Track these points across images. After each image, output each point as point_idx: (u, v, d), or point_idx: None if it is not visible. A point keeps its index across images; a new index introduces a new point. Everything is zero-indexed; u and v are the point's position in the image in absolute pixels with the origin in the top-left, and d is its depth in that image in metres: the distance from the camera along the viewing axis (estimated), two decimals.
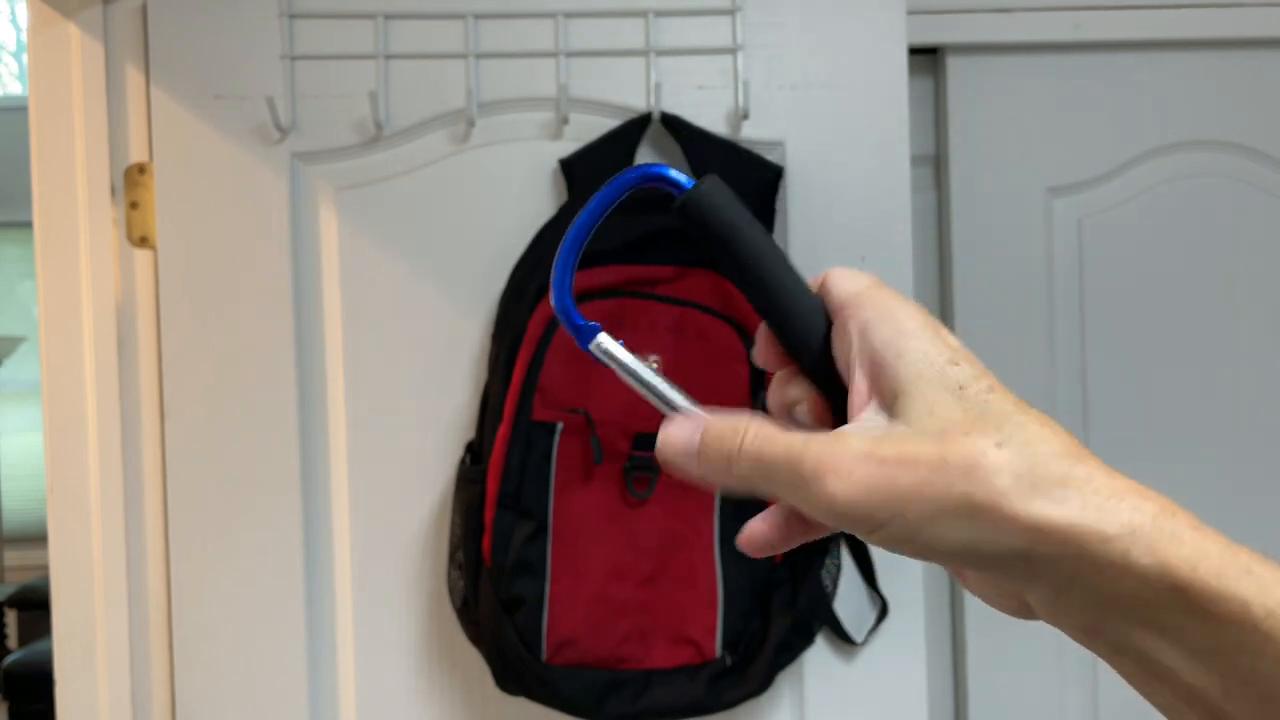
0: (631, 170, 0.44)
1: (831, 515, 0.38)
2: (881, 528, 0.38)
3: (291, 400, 1.17)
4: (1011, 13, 1.32)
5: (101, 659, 1.18)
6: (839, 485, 0.38)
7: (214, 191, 1.17)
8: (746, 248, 0.43)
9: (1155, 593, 0.36)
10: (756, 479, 0.40)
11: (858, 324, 0.42)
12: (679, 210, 0.43)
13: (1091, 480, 0.37)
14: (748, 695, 1.10)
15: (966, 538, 0.37)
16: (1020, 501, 0.36)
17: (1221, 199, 1.36)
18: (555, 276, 0.44)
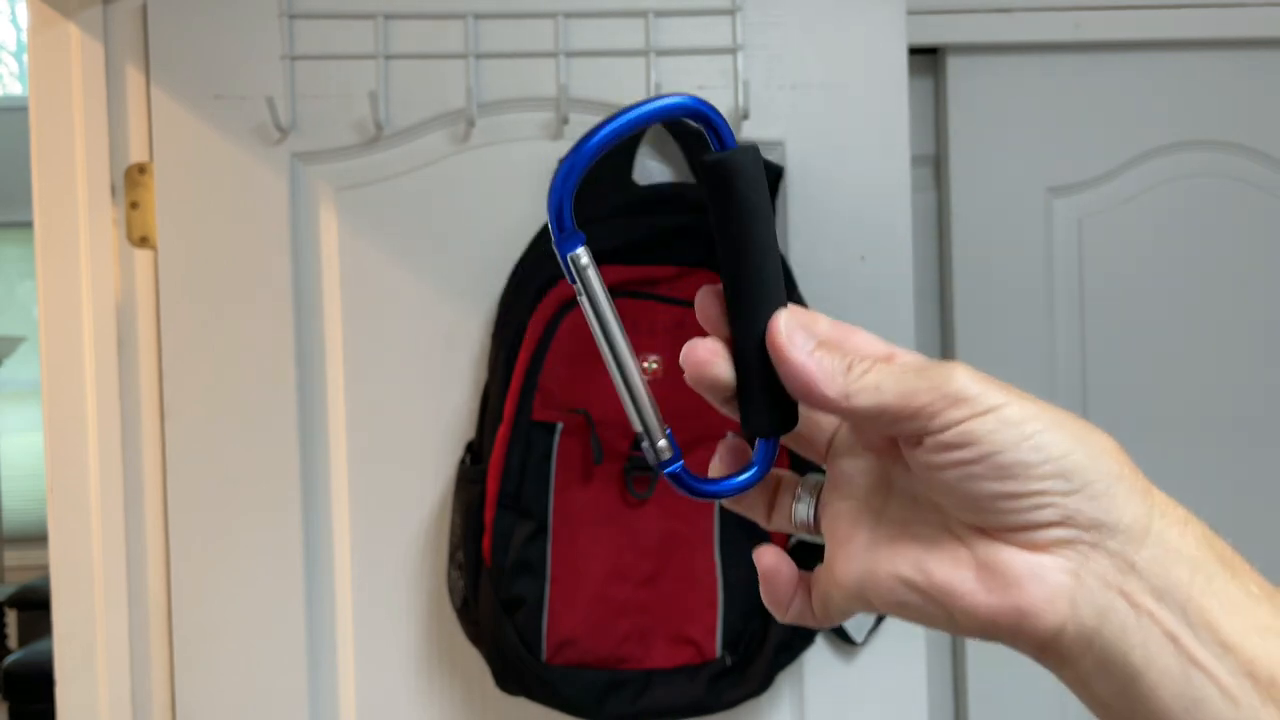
0: (684, 98, 0.42)
1: (948, 392, 0.39)
2: (993, 409, 0.39)
3: (291, 400, 1.17)
4: (1011, 13, 1.32)
5: (101, 659, 1.18)
6: (962, 371, 0.40)
7: (214, 191, 1.17)
8: (757, 230, 0.43)
9: None
10: (871, 375, 0.41)
11: None
12: (713, 165, 0.42)
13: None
14: (748, 695, 1.10)
15: (1068, 445, 0.39)
16: (1131, 469, 0.40)
17: (1221, 199, 1.36)
18: (561, 170, 0.43)
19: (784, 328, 0.42)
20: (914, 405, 0.40)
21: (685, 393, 0.45)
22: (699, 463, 0.45)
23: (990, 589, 0.40)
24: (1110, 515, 0.39)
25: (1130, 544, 0.39)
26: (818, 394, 0.41)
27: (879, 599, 0.43)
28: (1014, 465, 0.38)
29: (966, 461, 0.39)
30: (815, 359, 0.42)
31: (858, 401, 0.41)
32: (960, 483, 0.40)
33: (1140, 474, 0.40)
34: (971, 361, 0.43)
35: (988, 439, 0.39)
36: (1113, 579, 0.39)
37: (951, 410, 0.39)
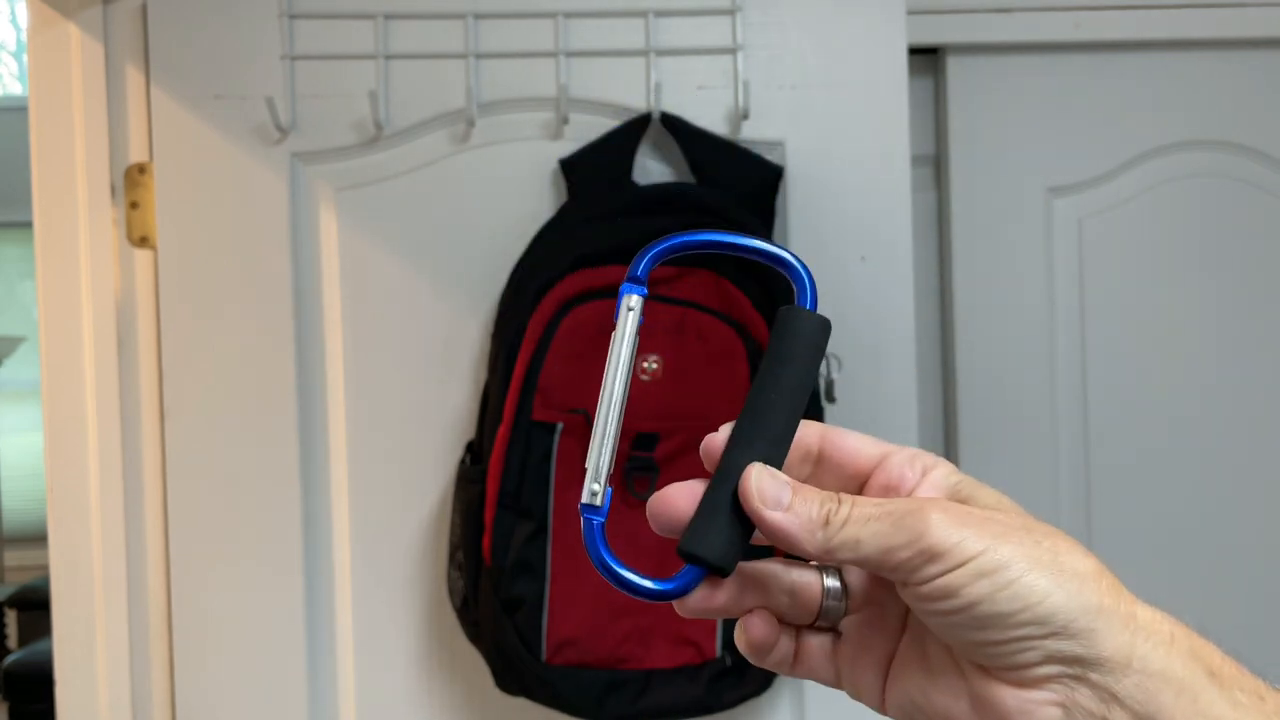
0: (791, 256, 0.45)
1: (924, 548, 0.40)
2: (968, 561, 0.39)
3: (291, 400, 1.17)
4: (1011, 13, 1.32)
5: (101, 659, 1.18)
6: (937, 516, 0.40)
7: (214, 191, 1.17)
8: (785, 380, 0.44)
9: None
10: (844, 540, 0.41)
11: (946, 472, 0.45)
12: (782, 312, 0.44)
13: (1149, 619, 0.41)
14: (748, 695, 1.10)
15: (1044, 588, 0.39)
16: (1113, 594, 0.40)
17: (1221, 199, 1.36)
18: (651, 250, 0.46)
19: (755, 484, 0.42)
20: (892, 561, 0.41)
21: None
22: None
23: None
24: (1091, 650, 0.39)
25: (1112, 675, 0.39)
26: (799, 550, 0.42)
27: (894, 709, 0.45)
28: (992, 616, 0.39)
29: (947, 612, 0.40)
30: (789, 518, 0.42)
31: (838, 556, 0.42)
32: (946, 630, 0.41)
33: (1124, 595, 0.40)
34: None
35: (964, 593, 0.39)
36: (1097, 709, 0.40)
37: (928, 566, 0.40)
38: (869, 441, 0.45)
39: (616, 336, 0.45)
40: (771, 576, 0.45)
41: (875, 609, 0.46)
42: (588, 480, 0.45)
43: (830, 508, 0.42)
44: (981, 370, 1.33)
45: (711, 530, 0.43)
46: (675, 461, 1.06)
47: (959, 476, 0.45)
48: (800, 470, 0.45)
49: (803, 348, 0.44)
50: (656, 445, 1.06)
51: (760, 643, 0.45)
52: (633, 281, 0.46)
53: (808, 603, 0.45)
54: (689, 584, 0.44)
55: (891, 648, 0.46)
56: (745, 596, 0.45)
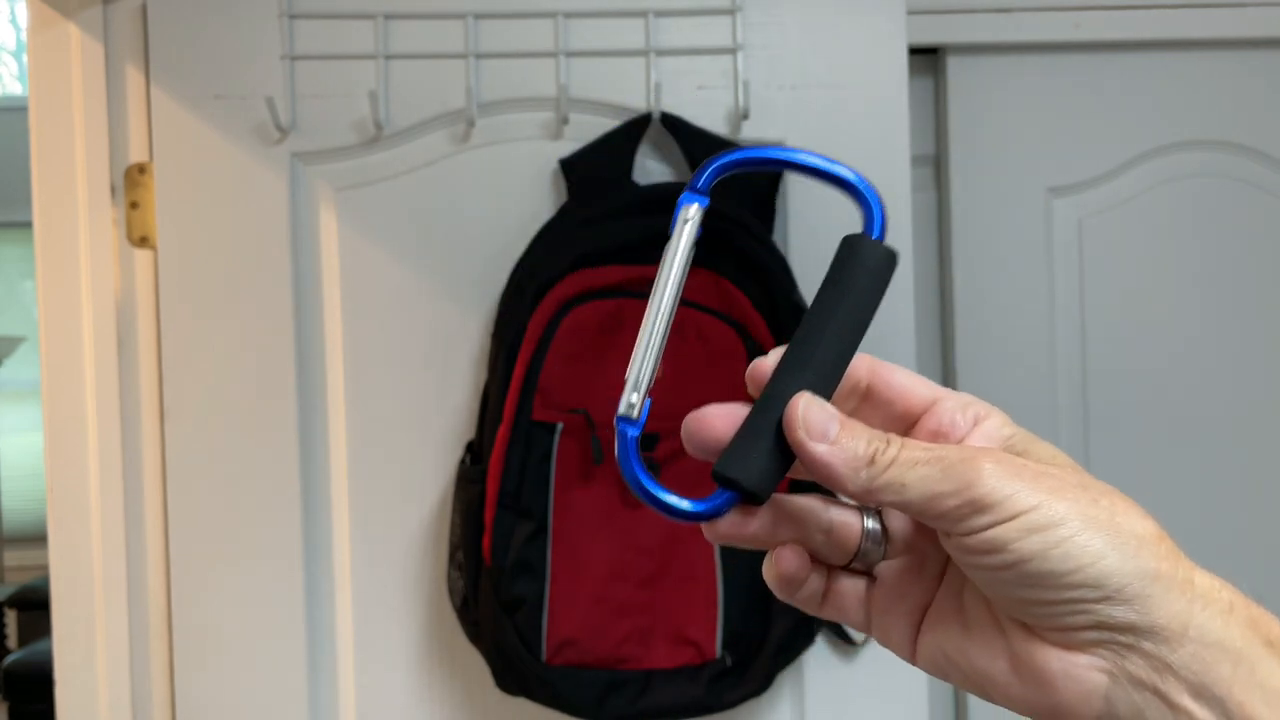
0: (860, 179, 0.44)
1: (973, 497, 0.38)
2: (1019, 514, 0.37)
3: (291, 400, 1.17)
4: (1011, 13, 1.32)
5: (101, 659, 1.18)
6: (989, 466, 0.38)
7: (214, 191, 1.17)
8: (843, 311, 0.42)
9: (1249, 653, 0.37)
10: (890, 480, 0.40)
11: (1000, 423, 0.43)
12: (847, 240, 0.43)
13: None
14: (748, 695, 1.10)
15: (1099, 548, 0.37)
16: (1171, 558, 0.38)
17: (1221, 199, 1.36)
18: (717, 160, 0.44)
19: (801, 414, 0.40)
20: (938, 509, 0.39)
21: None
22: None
23: (1025, 683, 0.40)
24: (1145, 618, 0.38)
25: (1167, 644, 0.38)
26: (840, 487, 0.40)
27: (925, 662, 0.43)
28: (1042, 575, 0.38)
29: (994, 567, 0.38)
30: (833, 452, 0.40)
31: (881, 498, 0.40)
32: (990, 585, 0.39)
33: (1181, 561, 0.38)
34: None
35: (1013, 548, 0.38)
36: (1148, 679, 0.38)
37: (976, 517, 0.38)
38: (921, 382, 0.43)
39: (670, 246, 0.43)
40: (808, 512, 0.43)
41: (914, 557, 0.44)
42: (626, 390, 0.42)
43: (878, 447, 0.40)
44: (981, 370, 1.33)
45: (750, 455, 0.41)
46: (675, 461, 1.06)
47: (1013, 429, 0.43)
48: (845, 405, 0.43)
49: (865, 278, 0.42)
50: (657, 445, 1.06)
51: (790, 576, 0.43)
52: (693, 191, 0.43)
53: (844, 542, 0.43)
54: (721, 506, 0.41)
55: (927, 598, 0.44)
56: (779, 529, 0.43)
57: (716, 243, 1.09)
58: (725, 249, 1.09)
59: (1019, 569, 0.38)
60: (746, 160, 0.44)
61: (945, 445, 0.40)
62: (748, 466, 0.41)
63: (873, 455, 0.40)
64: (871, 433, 0.40)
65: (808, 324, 0.42)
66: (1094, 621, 0.38)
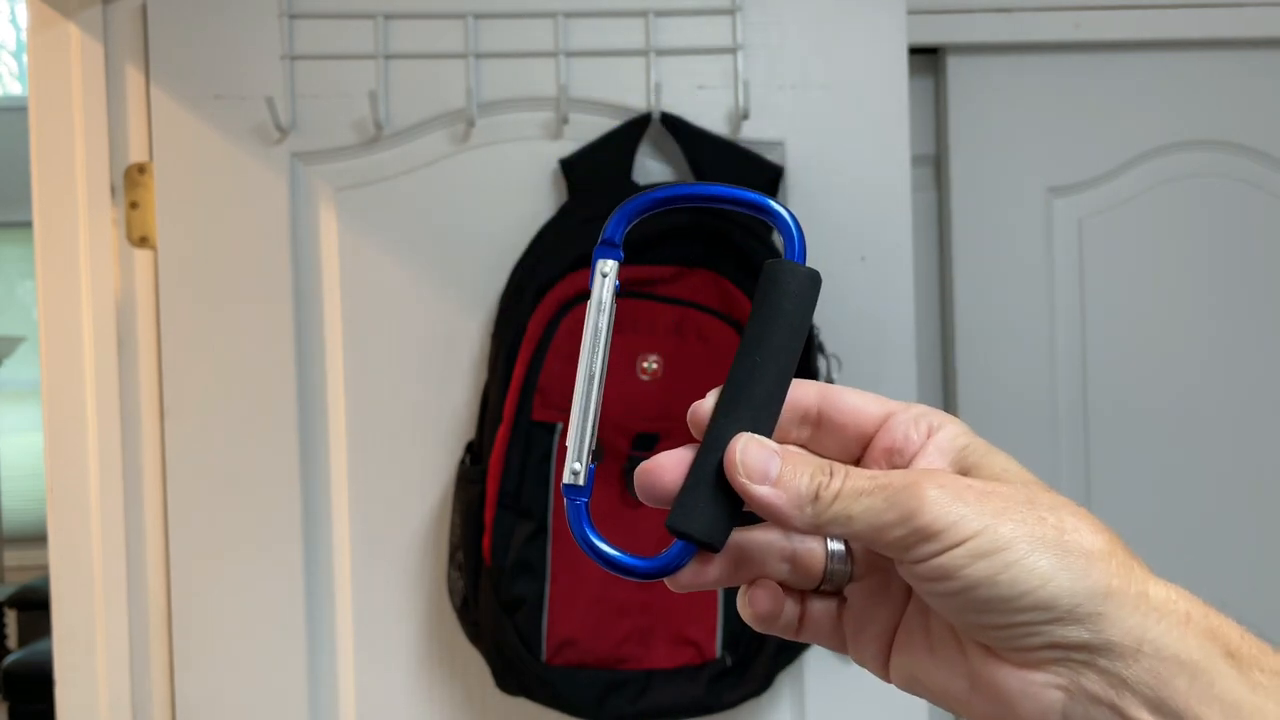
0: (766, 200, 0.42)
1: (918, 526, 0.38)
2: (964, 541, 0.37)
3: (291, 400, 1.17)
4: (1011, 13, 1.32)
5: (101, 659, 1.18)
6: (933, 492, 0.38)
7: (214, 191, 1.17)
8: (771, 339, 0.41)
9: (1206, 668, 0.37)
10: (836, 514, 0.39)
11: (954, 433, 0.42)
12: (768, 266, 0.42)
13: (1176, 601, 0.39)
14: (748, 695, 1.10)
15: (1046, 570, 0.37)
16: (1123, 573, 0.38)
17: (1221, 199, 1.36)
18: (622, 208, 0.43)
19: (740, 457, 0.40)
20: (885, 539, 0.38)
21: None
22: None
23: (985, 701, 0.40)
24: (1099, 636, 0.37)
25: (1121, 659, 0.37)
26: (788, 525, 0.40)
27: (897, 681, 0.44)
28: (991, 600, 0.37)
29: (945, 594, 0.38)
30: (775, 494, 0.39)
31: (829, 531, 0.40)
32: (944, 610, 0.39)
33: (1135, 574, 0.38)
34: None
35: (961, 575, 0.37)
36: (1105, 695, 0.38)
37: (923, 545, 0.38)
38: (871, 399, 0.43)
39: (591, 305, 0.43)
40: (767, 547, 0.43)
41: (879, 576, 0.44)
42: (568, 460, 0.42)
43: (821, 481, 0.39)
44: (981, 370, 1.33)
45: (699, 505, 0.40)
46: None
47: (968, 439, 0.42)
48: (799, 433, 0.43)
49: (790, 303, 0.41)
50: (656, 445, 1.06)
51: (766, 615, 0.43)
52: (605, 245, 0.43)
53: (810, 568, 0.43)
54: (678, 561, 0.41)
55: (896, 618, 0.44)
56: (740, 570, 0.43)
57: (716, 243, 1.09)
58: (725, 249, 1.09)
59: (968, 595, 0.37)
60: (654, 202, 0.43)
61: (890, 472, 0.40)
62: (698, 517, 0.40)
63: (816, 490, 0.39)
64: (815, 465, 0.40)
65: (739, 360, 0.41)
66: (1047, 642, 0.38)
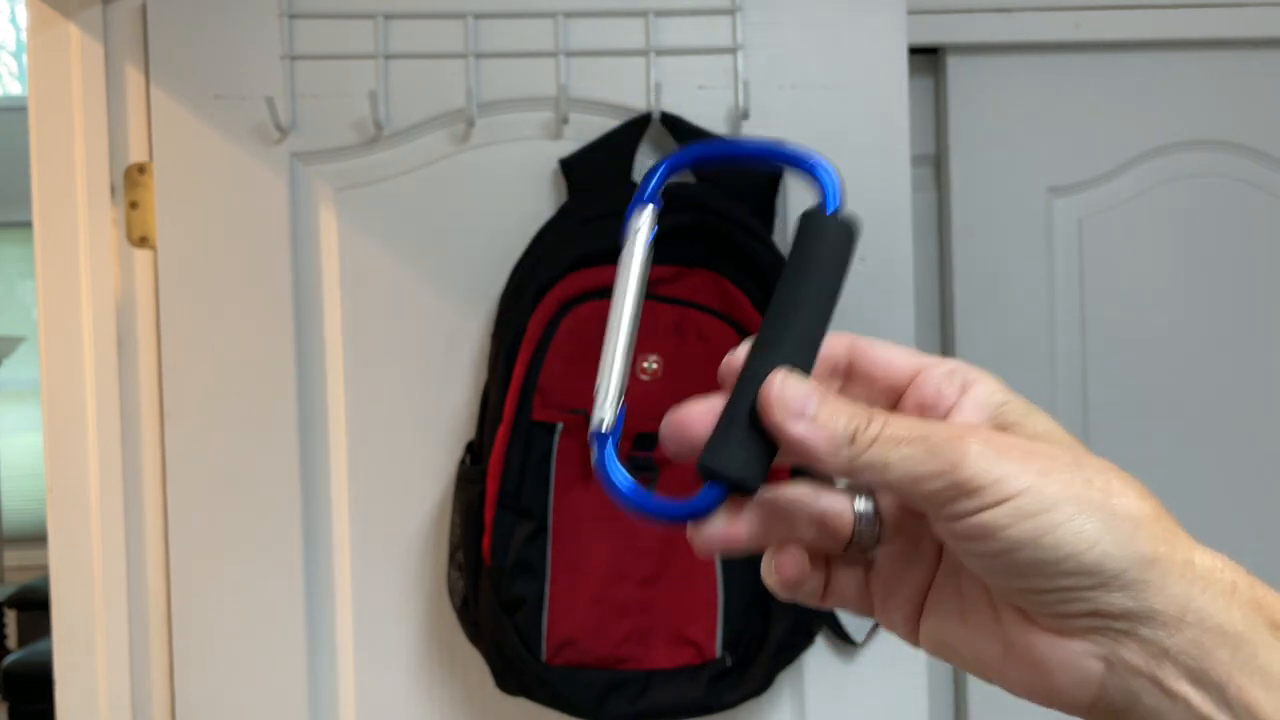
0: (812, 157, 0.42)
1: (958, 480, 0.36)
2: (1008, 499, 0.35)
3: (291, 400, 1.17)
4: (1011, 13, 1.32)
5: (101, 659, 1.18)
6: (976, 447, 0.36)
7: (214, 191, 1.17)
8: (809, 287, 0.40)
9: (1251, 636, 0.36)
10: (873, 459, 0.37)
11: (990, 389, 0.40)
12: (804, 216, 0.41)
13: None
14: (748, 695, 1.10)
15: (1092, 534, 0.35)
16: (1169, 540, 0.36)
17: (1221, 199, 1.36)
18: (665, 161, 0.42)
19: (777, 392, 0.38)
20: (923, 491, 0.37)
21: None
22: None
23: (1020, 669, 0.39)
24: (1142, 604, 0.36)
25: (1164, 628, 0.36)
26: (821, 466, 0.38)
27: (927, 646, 0.42)
28: (1034, 563, 0.36)
29: (983, 554, 0.36)
30: (813, 430, 0.38)
31: (864, 477, 0.38)
32: (981, 571, 0.38)
33: (1180, 541, 0.37)
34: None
35: (1003, 535, 0.36)
36: (1144, 665, 0.36)
37: (963, 500, 0.36)
38: (903, 353, 0.41)
39: (625, 254, 0.41)
40: (798, 503, 0.40)
41: (908, 540, 0.42)
42: (596, 405, 0.41)
43: (859, 424, 0.37)
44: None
45: (731, 444, 0.39)
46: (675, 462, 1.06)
47: (1005, 395, 0.40)
48: (829, 384, 0.41)
49: (828, 251, 0.40)
50: (656, 445, 1.06)
51: (793, 581, 0.42)
52: (642, 198, 0.42)
53: (838, 530, 0.41)
54: (710, 504, 0.39)
55: (926, 582, 0.42)
56: (770, 529, 0.40)
57: (716, 243, 1.09)
58: (725, 249, 1.09)
59: (1009, 556, 0.36)
60: (691, 160, 0.42)
61: (932, 423, 0.38)
62: (731, 456, 0.39)
63: (854, 433, 0.38)
64: (853, 408, 0.38)
65: (776, 305, 0.40)
66: (1089, 609, 0.36)
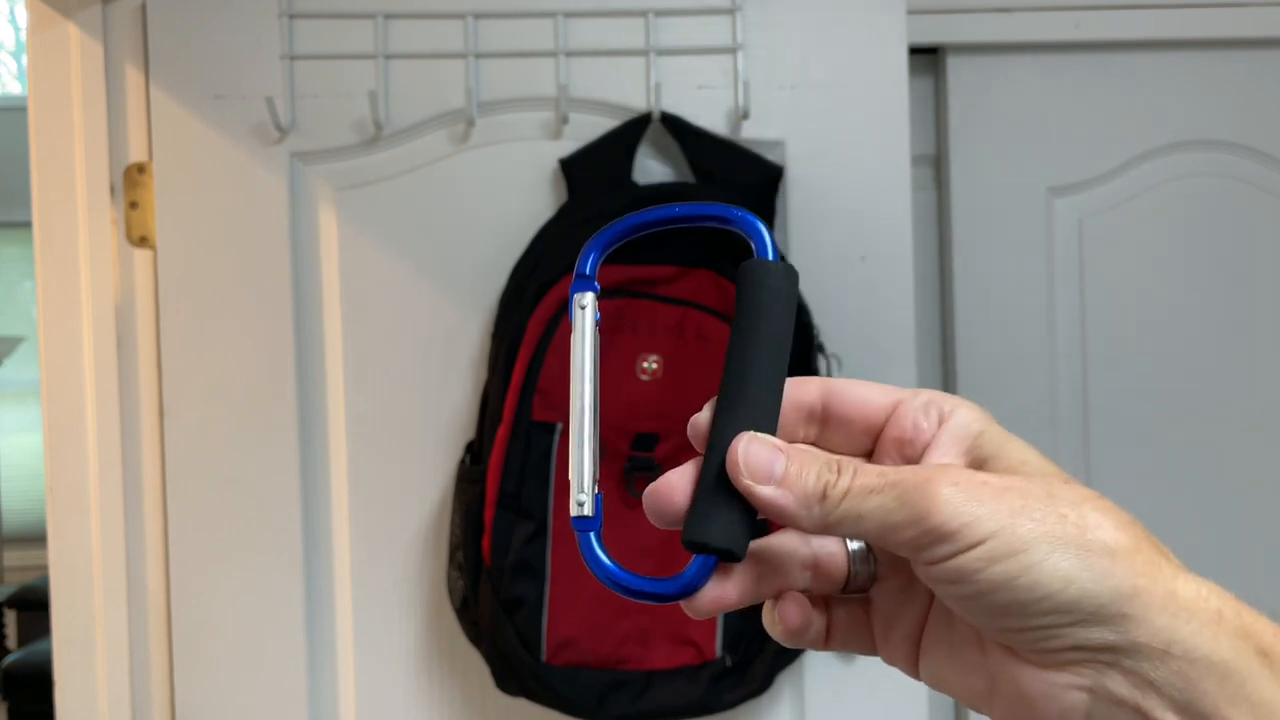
0: (725, 209, 0.42)
1: (930, 527, 0.36)
2: (980, 543, 0.36)
3: (291, 400, 1.17)
4: (1011, 13, 1.32)
5: (101, 659, 1.18)
6: (946, 491, 0.36)
7: (214, 191, 1.17)
8: (757, 338, 0.40)
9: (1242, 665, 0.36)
10: (845, 513, 0.38)
11: (967, 419, 0.40)
12: (741, 268, 0.41)
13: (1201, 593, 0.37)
14: (748, 696, 1.10)
15: (1067, 571, 0.35)
16: (1149, 571, 0.36)
17: (1221, 199, 1.36)
18: (593, 241, 0.43)
19: (742, 458, 0.38)
20: (897, 539, 0.37)
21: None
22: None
23: (1006, 702, 0.39)
24: (1124, 637, 0.36)
25: (1149, 661, 0.36)
26: (796, 526, 0.39)
27: (927, 680, 0.42)
28: (1010, 605, 0.36)
29: (960, 597, 0.37)
30: (781, 494, 0.38)
31: (839, 532, 0.38)
32: (962, 611, 0.38)
33: (1162, 571, 0.36)
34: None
35: (978, 578, 0.36)
36: (1129, 697, 0.36)
37: (936, 546, 0.36)
38: (876, 389, 0.41)
39: (575, 339, 0.42)
40: (789, 553, 0.41)
41: (903, 576, 0.42)
42: (573, 493, 0.42)
43: (829, 479, 0.38)
44: (981, 370, 1.33)
45: (713, 513, 0.39)
46: (675, 461, 1.06)
47: (983, 425, 0.40)
48: (805, 431, 0.41)
49: (771, 298, 0.40)
50: (656, 445, 1.06)
51: (797, 628, 0.42)
52: (581, 279, 0.43)
53: (832, 573, 0.41)
54: (699, 578, 0.40)
55: (922, 617, 0.42)
56: (762, 584, 0.41)
57: (717, 243, 1.09)
58: (725, 249, 1.09)
59: (987, 598, 0.36)
60: (619, 234, 0.43)
61: (902, 468, 0.38)
62: (713, 526, 0.39)
63: (824, 489, 0.38)
64: (822, 462, 0.38)
65: (730, 364, 0.40)
66: (1070, 644, 0.36)
